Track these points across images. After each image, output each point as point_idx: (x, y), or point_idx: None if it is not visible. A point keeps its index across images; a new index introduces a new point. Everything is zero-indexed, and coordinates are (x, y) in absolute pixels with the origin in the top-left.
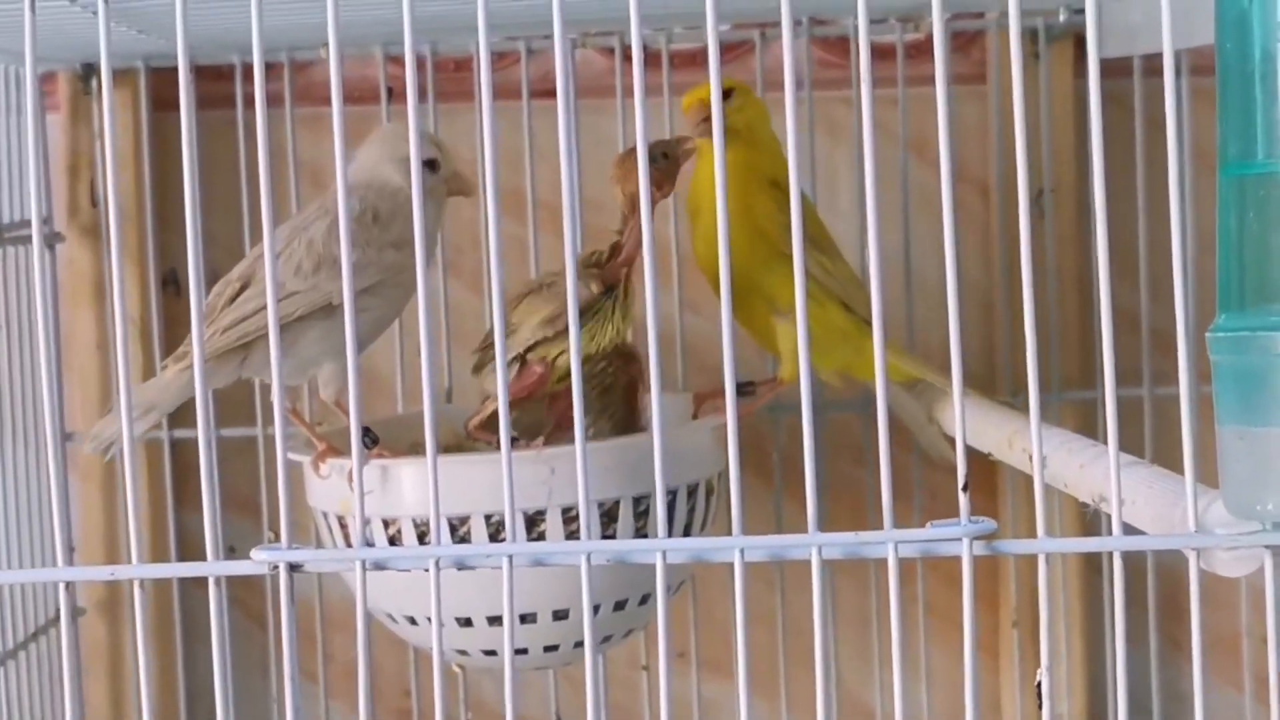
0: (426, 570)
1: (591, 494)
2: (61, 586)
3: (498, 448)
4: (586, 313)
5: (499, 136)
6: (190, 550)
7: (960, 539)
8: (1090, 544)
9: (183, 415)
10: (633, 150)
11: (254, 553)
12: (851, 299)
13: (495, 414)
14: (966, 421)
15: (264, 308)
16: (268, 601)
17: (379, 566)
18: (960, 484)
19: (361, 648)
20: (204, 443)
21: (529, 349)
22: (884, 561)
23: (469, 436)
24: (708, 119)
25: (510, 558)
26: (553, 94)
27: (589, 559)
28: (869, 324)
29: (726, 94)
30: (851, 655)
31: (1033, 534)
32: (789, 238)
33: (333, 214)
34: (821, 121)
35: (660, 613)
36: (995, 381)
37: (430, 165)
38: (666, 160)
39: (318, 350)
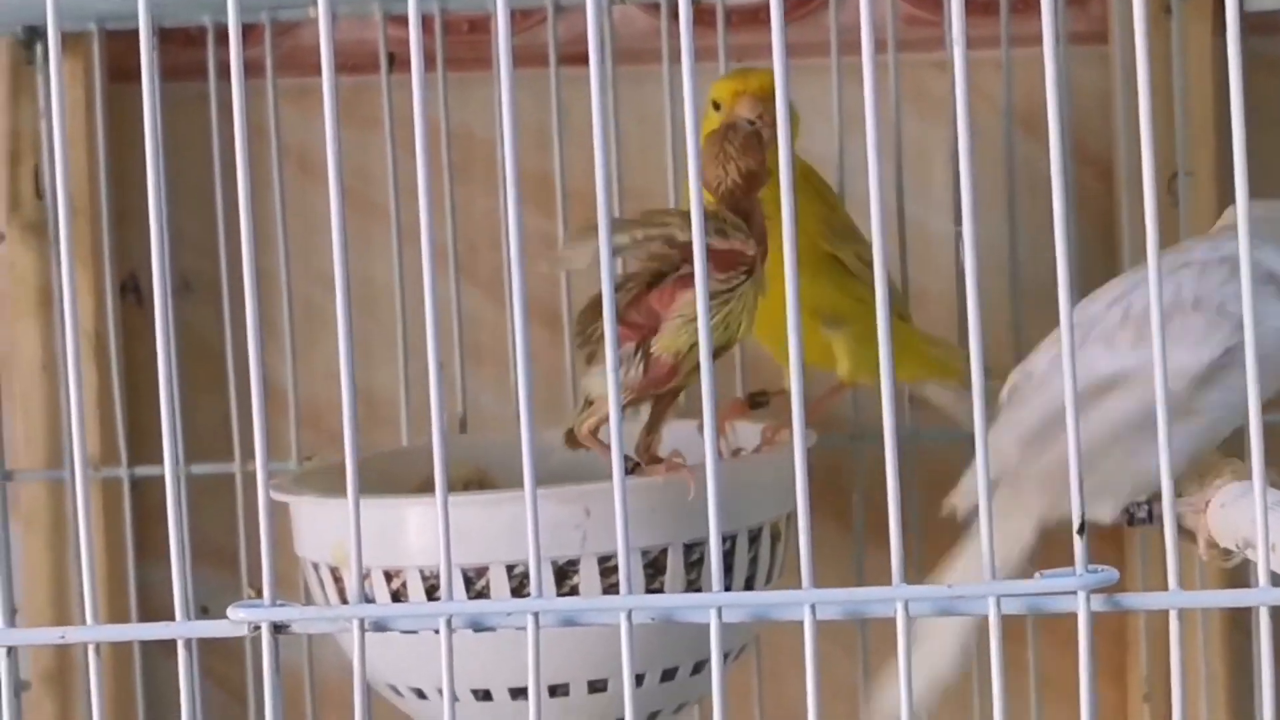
0: (436, 631)
1: (634, 540)
2: (2, 653)
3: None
4: (723, 295)
5: (519, 110)
6: (154, 610)
7: (1075, 592)
8: (1232, 598)
9: (145, 449)
10: (733, 125)
11: (231, 611)
12: (897, 298)
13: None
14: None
15: None
16: (247, 670)
17: (380, 627)
18: (1075, 526)
19: None
20: (170, 479)
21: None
22: (985, 620)
23: (573, 443)
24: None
25: (536, 615)
26: (585, 59)
27: (630, 617)
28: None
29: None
30: None
31: (1163, 586)
32: (832, 234)
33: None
34: (909, 90)
35: (715, 683)
36: None
37: None
38: (759, 137)
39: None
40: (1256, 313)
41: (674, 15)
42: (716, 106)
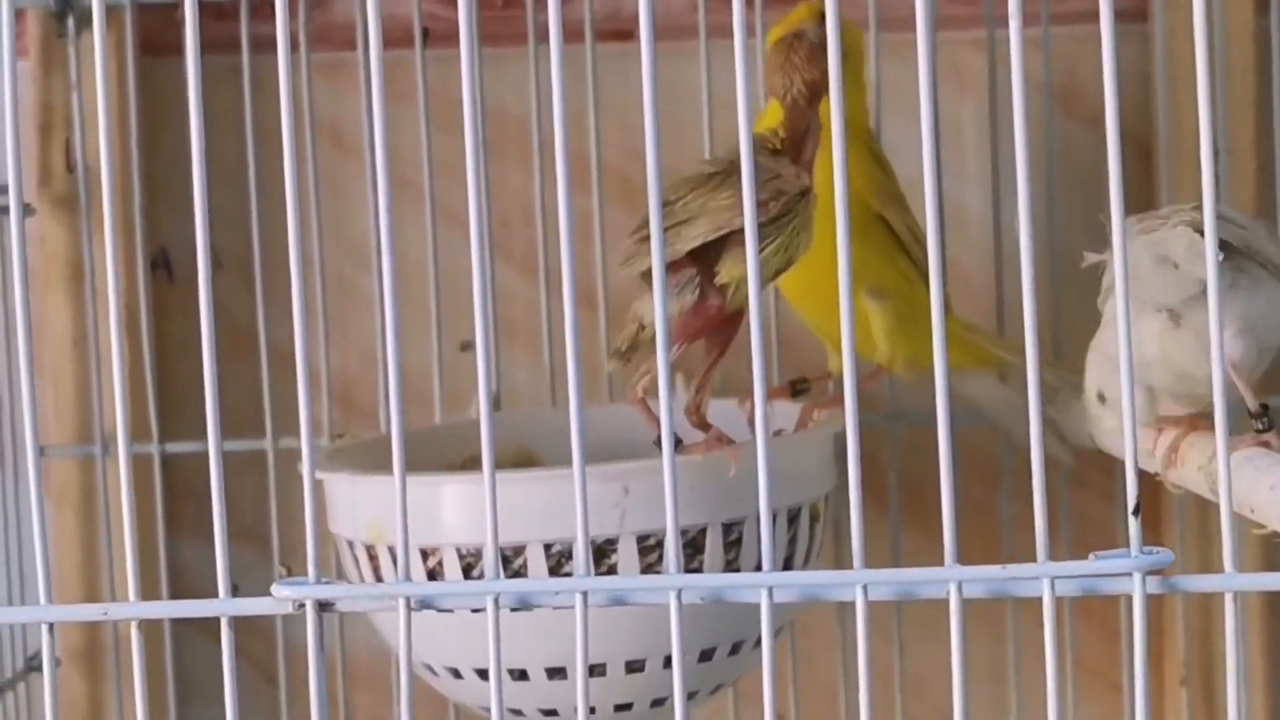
0: (477, 611)
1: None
2: (44, 629)
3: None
4: (778, 220)
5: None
6: (183, 587)
7: (1130, 574)
8: None
9: (174, 426)
10: (800, 34)
11: (275, 588)
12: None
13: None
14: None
15: None
16: (278, 650)
17: (425, 605)
18: (1130, 507)
19: (405, 706)
20: (214, 455)
21: (706, 270)
22: (1025, 603)
23: (634, 402)
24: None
25: (585, 594)
26: (622, 36)
27: (679, 596)
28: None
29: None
30: (984, 718)
31: (1206, 570)
32: (884, 197)
33: None
34: (946, 67)
35: (766, 663)
36: None
37: None
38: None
39: None
40: None
41: None
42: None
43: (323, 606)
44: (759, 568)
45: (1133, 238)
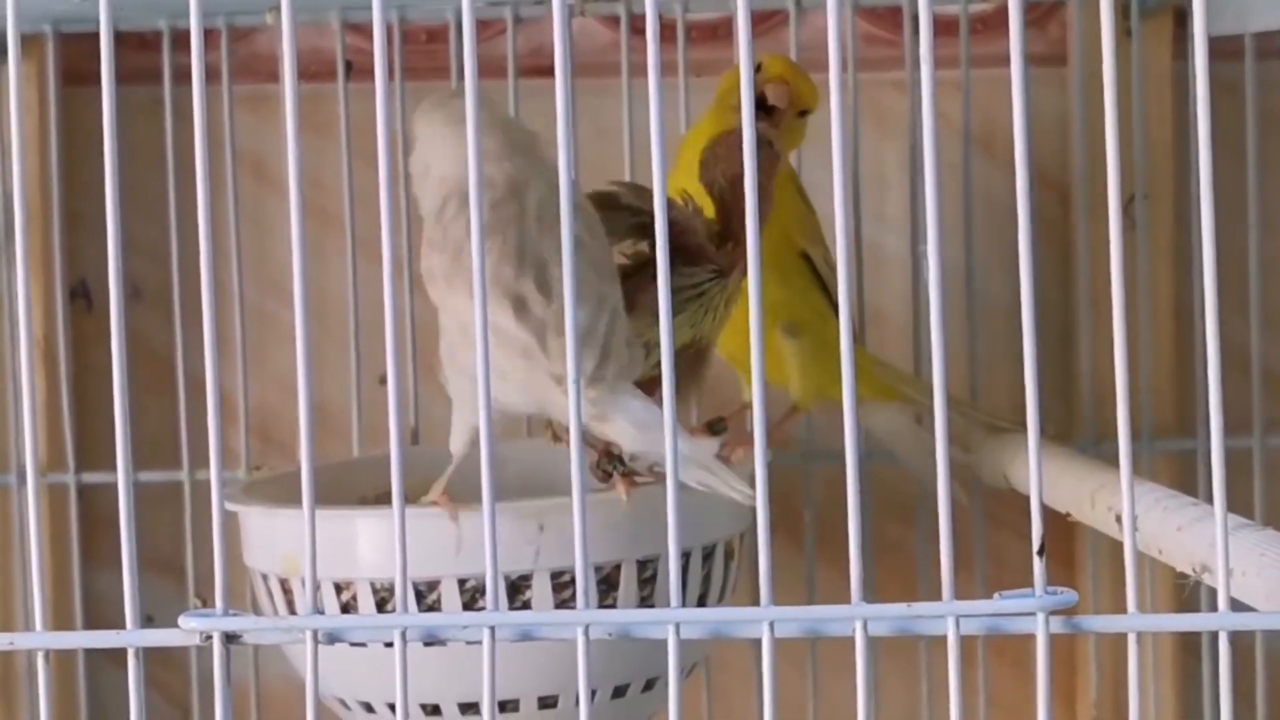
0: (388, 645)
1: (588, 556)
2: None
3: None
4: (690, 289)
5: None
6: (98, 618)
7: (1034, 613)
8: (1192, 622)
9: (93, 456)
10: (725, 135)
11: (182, 620)
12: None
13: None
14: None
15: None
16: (191, 680)
17: (333, 638)
18: (1035, 547)
19: None
20: (124, 485)
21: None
22: (937, 641)
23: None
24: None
25: (493, 629)
26: (544, 72)
27: (587, 632)
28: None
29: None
30: None
31: (1120, 609)
32: (809, 234)
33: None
34: (868, 109)
35: (672, 699)
36: (1074, 426)
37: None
38: (771, 150)
39: None
40: None
41: (635, 30)
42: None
43: (230, 639)
44: None
45: None
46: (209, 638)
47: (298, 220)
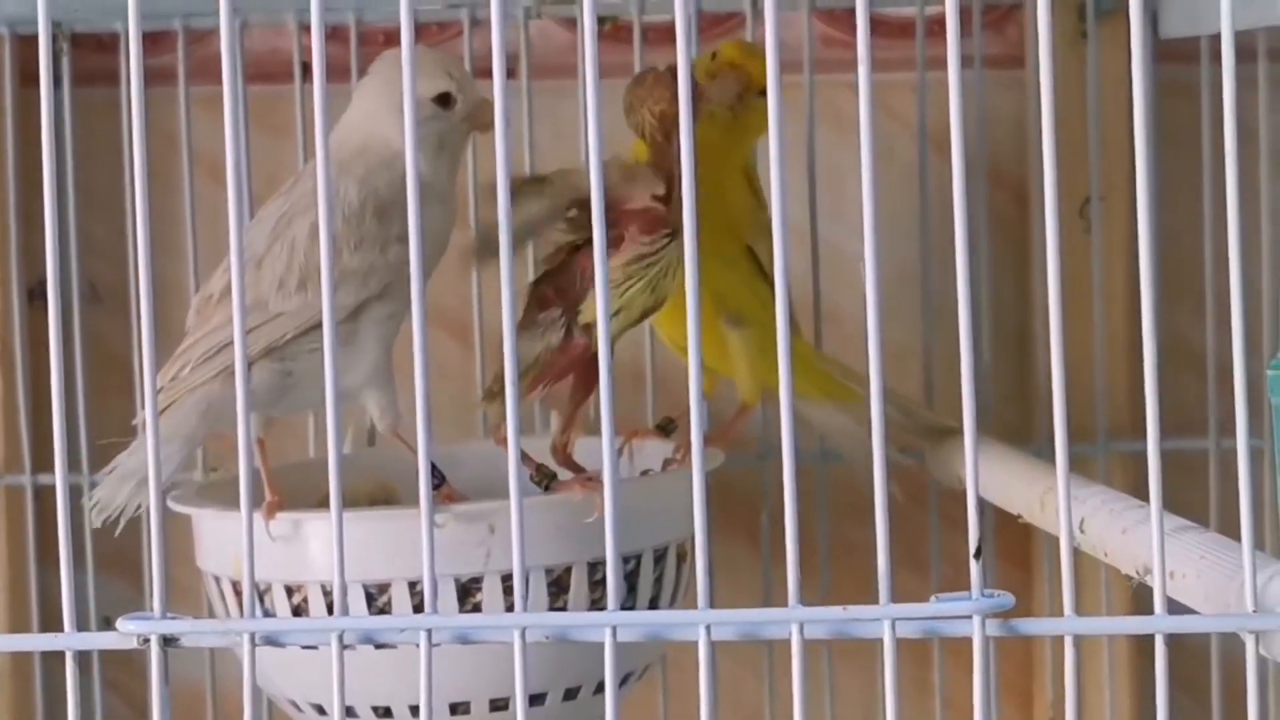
0: (346, 647)
1: (537, 558)
2: None
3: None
4: (651, 256)
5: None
6: (58, 620)
7: (970, 616)
8: (1128, 625)
9: (50, 458)
10: (652, 70)
11: (120, 623)
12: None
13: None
14: (990, 476)
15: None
16: (149, 683)
17: (271, 641)
18: (972, 549)
19: None
20: (61, 485)
21: (571, 310)
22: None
23: (500, 441)
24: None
25: (429, 632)
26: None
27: (524, 635)
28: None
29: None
30: None
31: (1084, 611)
32: (756, 228)
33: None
34: (826, 111)
35: (609, 704)
36: (1032, 428)
37: (444, 101)
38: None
39: (352, 378)
40: None
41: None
42: (714, 56)
43: (167, 641)
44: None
45: None
46: (146, 641)
47: (235, 215)
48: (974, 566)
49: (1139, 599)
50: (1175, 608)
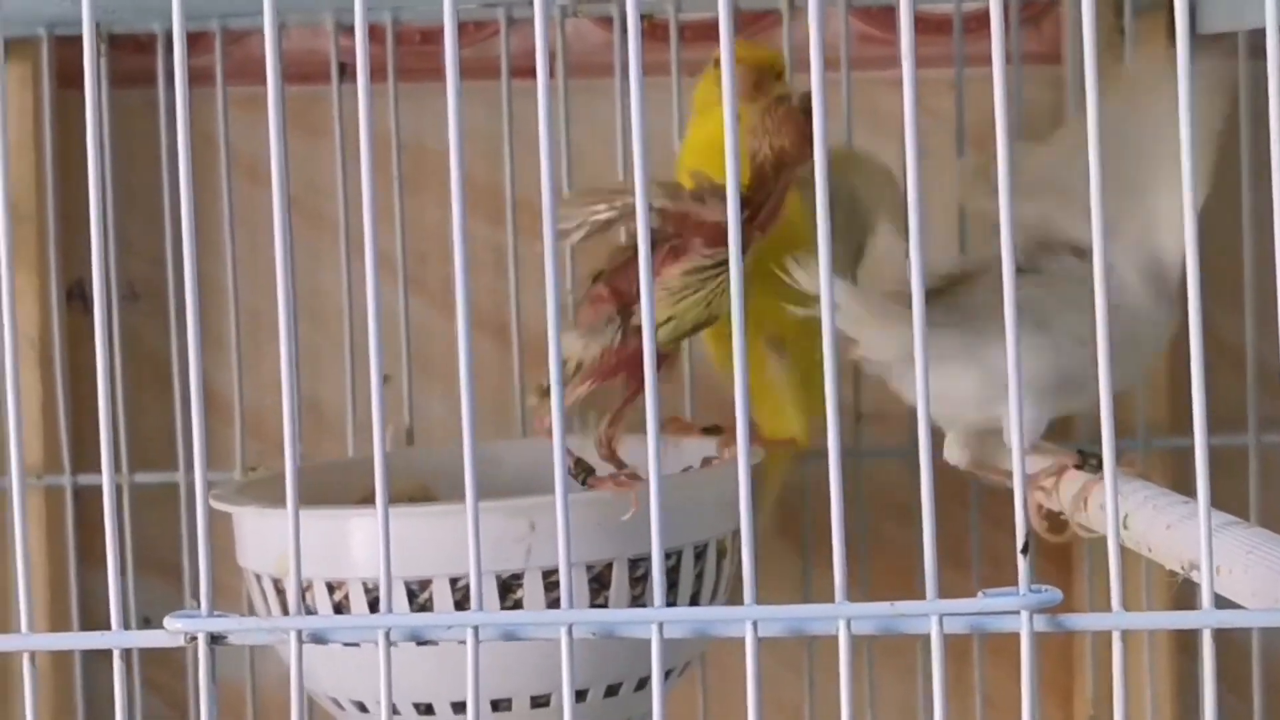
0: (376, 644)
1: (578, 554)
2: None
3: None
4: (711, 269)
5: (471, 122)
6: (99, 619)
7: (1018, 611)
8: (1176, 619)
9: (89, 458)
10: (783, 100)
11: (168, 621)
12: None
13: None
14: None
15: None
16: (188, 682)
17: (317, 639)
18: (1019, 545)
19: None
20: (108, 487)
21: (626, 311)
22: (931, 639)
23: (542, 430)
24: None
25: (476, 629)
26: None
27: (570, 631)
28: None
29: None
30: None
31: (1110, 608)
32: (809, 237)
33: None
34: (862, 108)
35: (656, 700)
36: (1071, 424)
37: None
38: (808, 117)
39: None
40: None
41: (627, 29)
42: (716, 65)
43: (215, 639)
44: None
45: None
46: (194, 639)
47: (280, 217)
48: (1021, 562)
49: (1179, 594)
50: (1220, 603)
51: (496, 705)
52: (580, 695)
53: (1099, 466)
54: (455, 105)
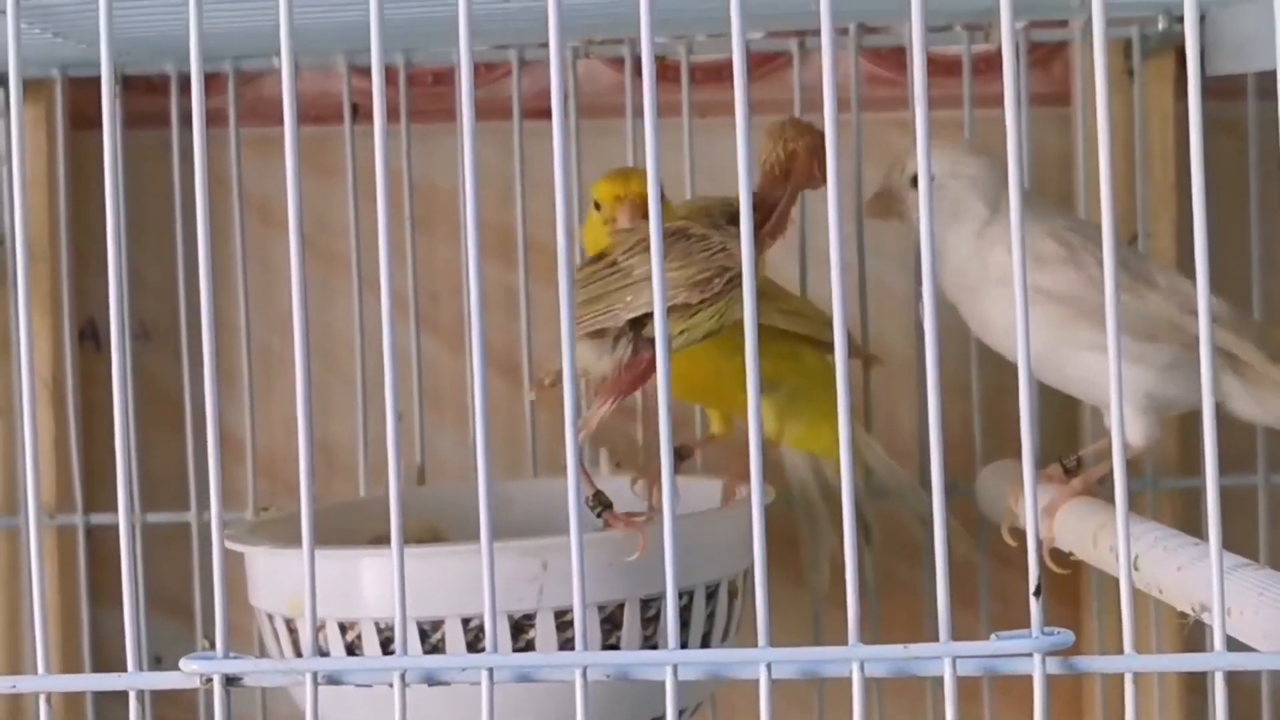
0: (390, 685)
1: (591, 594)
2: None
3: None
4: (715, 281)
5: (482, 163)
6: (109, 659)
7: (1030, 654)
8: (1188, 662)
9: (100, 497)
10: (806, 121)
11: (183, 662)
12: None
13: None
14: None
15: None
16: None
17: (333, 680)
18: (1032, 587)
19: None
20: (125, 527)
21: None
22: (942, 681)
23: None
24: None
25: (490, 671)
26: (549, 113)
27: (585, 674)
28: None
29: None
30: None
31: (1119, 648)
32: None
33: None
34: (873, 148)
35: None
36: (1075, 439)
37: None
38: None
39: None
40: None
41: (638, 70)
42: (597, 206)
43: (230, 681)
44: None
45: None
46: (210, 680)
47: (296, 254)
48: (1034, 605)
49: (1188, 635)
50: (1232, 644)
51: None
52: None
53: (1077, 467)
54: (470, 146)
